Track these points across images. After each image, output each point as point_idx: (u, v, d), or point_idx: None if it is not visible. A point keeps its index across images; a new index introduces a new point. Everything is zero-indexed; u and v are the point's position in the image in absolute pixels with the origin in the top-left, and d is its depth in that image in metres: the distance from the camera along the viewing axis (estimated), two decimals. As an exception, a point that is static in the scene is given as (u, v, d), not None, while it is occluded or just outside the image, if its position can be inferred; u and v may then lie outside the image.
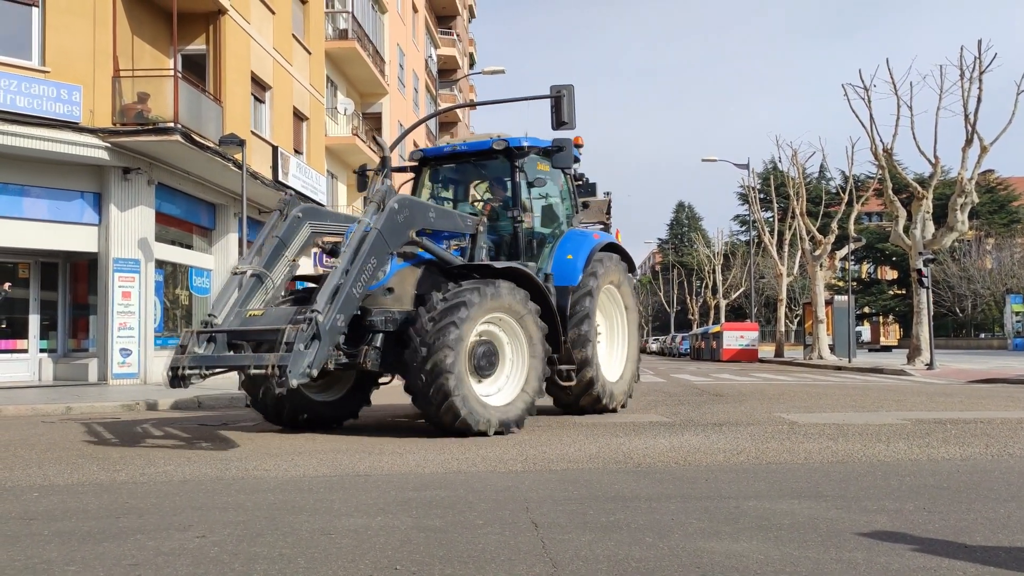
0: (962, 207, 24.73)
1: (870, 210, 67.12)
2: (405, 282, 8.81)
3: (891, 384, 17.78)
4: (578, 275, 10.03)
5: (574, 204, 11.04)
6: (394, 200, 8.31)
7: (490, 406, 8.24)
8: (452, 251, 9.27)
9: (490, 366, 8.46)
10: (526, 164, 9.97)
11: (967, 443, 7.36)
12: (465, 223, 9.43)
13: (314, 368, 7.05)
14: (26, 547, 3.91)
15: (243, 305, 7.93)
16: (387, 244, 8.19)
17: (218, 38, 19.19)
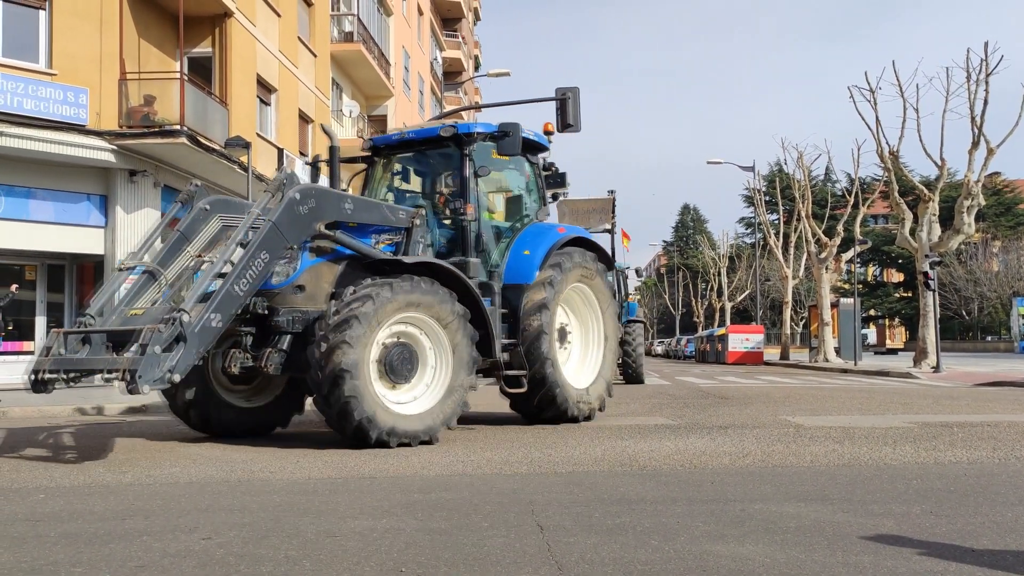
0: (968, 209, 24.66)
1: (876, 212, 66.96)
2: (321, 279, 8.14)
3: (897, 387, 17.73)
4: (534, 272, 9.29)
5: (541, 196, 10.24)
6: (295, 190, 7.63)
7: (399, 414, 7.53)
8: (384, 247, 8.65)
9: (407, 371, 7.75)
10: (476, 152, 9.20)
11: (974, 446, 7.34)
12: (396, 216, 8.69)
13: (176, 373, 6.42)
14: (32, 549, 3.92)
15: (130, 304, 7.36)
16: (284, 238, 7.48)
17: (224, 41, 19.24)
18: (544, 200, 10.22)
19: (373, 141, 9.98)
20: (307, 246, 8.05)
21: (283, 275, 7.91)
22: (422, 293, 7.70)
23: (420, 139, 9.57)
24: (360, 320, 7.20)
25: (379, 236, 8.73)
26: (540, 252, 9.42)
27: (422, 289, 7.72)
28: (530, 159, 10.13)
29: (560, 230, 9.95)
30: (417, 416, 7.66)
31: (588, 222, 21.72)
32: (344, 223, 8.25)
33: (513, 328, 9.14)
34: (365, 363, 7.29)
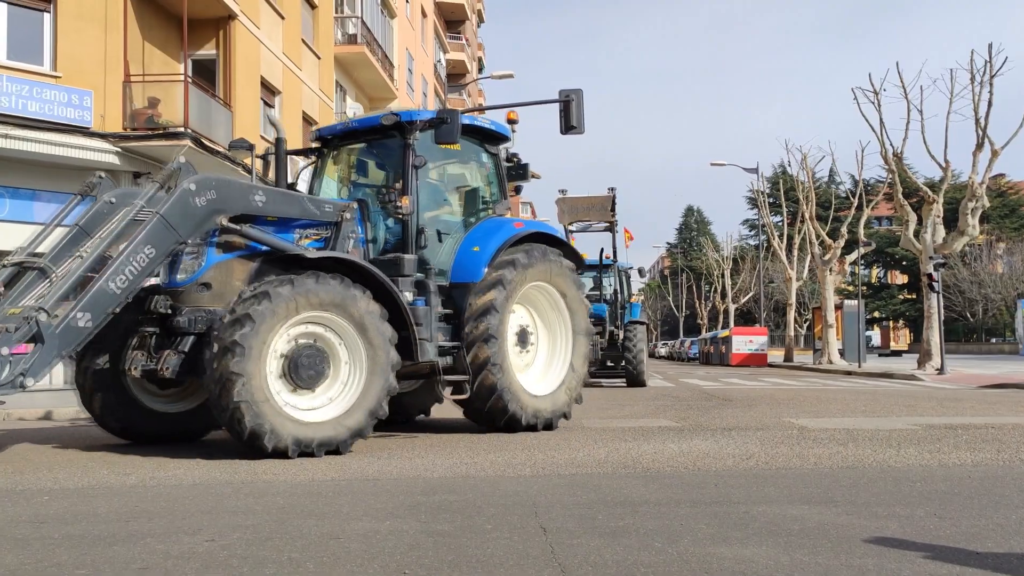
0: (973, 211, 24.62)
1: (880, 214, 66.89)
2: (232, 276, 7.55)
3: (901, 389, 17.70)
4: (481, 269, 8.67)
5: (502, 189, 9.63)
6: (190, 181, 7.16)
7: (302, 421, 7.02)
8: (310, 243, 8.12)
9: (315, 375, 7.19)
10: (420, 141, 8.62)
11: (978, 449, 7.32)
12: (322, 210, 8.18)
13: (30, 376, 6.04)
14: (36, 550, 3.93)
15: (13, 302, 6.85)
16: (174, 231, 7.00)
17: (228, 43, 19.28)
18: (505, 193, 9.66)
19: (319, 132, 9.56)
20: (213, 241, 7.50)
21: (189, 272, 7.42)
22: (330, 291, 7.13)
23: (364, 129, 9.05)
24: (254, 319, 6.65)
25: (305, 231, 8.18)
26: (490, 248, 8.77)
27: (329, 287, 7.14)
28: (489, 149, 9.53)
29: (517, 224, 9.25)
30: (325, 423, 7.09)
31: (588, 220, 21.26)
32: (262, 217, 7.76)
33: (458, 330, 8.60)
34: (260, 366, 6.73)
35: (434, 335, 8.30)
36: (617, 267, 20.68)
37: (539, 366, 9.46)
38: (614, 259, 20.69)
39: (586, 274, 21.98)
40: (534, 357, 9.46)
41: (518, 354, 9.15)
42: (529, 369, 9.33)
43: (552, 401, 9.18)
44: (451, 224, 9.20)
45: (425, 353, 8.11)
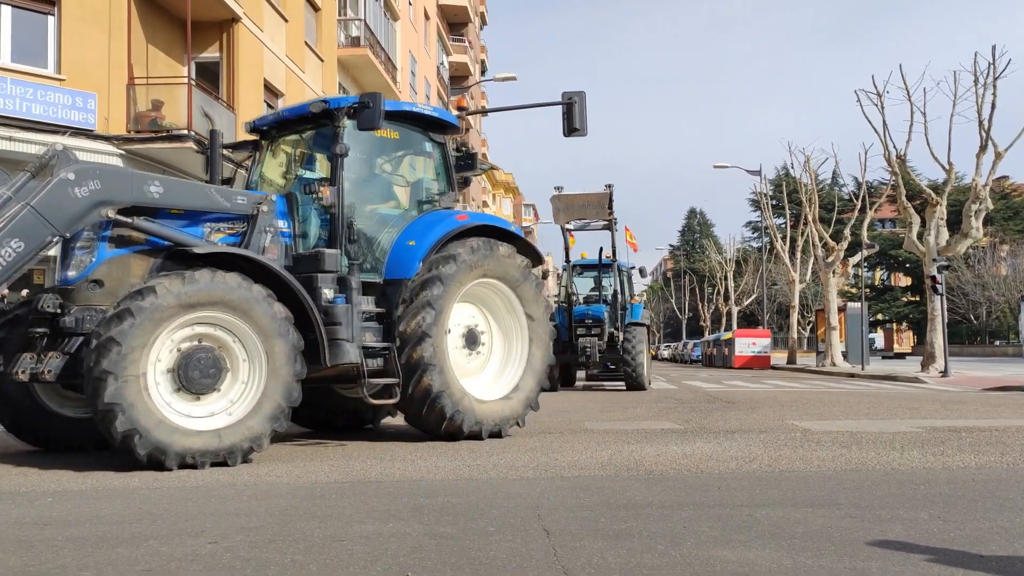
0: (976, 213, 24.59)
1: (883, 216, 66.74)
2: (128, 273, 7.03)
3: (905, 391, 17.67)
4: (414, 265, 8.19)
5: (449, 181, 9.09)
6: (69, 170, 6.67)
7: (187, 429, 6.49)
8: (223, 238, 7.57)
9: (208, 380, 6.66)
10: (349, 130, 8.14)
11: (982, 451, 7.31)
12: (233, 202, 7.61)
13: None
14: (40, 552, 3.93)
15: None
16: (48, 224, 6.52)
17: (231, 46, 19.33)
18: (453, 185, 9.12)
19: (254, 124, 9.12)
20: (106, 235, 6.99)
21: (79, 268, 6.93)
22: (223, 289, 6.60)
23: (295, 118, 8.61)
24: (135, 315, 6.18)
25: (217, 226, 7.59)
26: (427, 243, 8.28)
27: (223, 284, 6.61)
28: (435, 139, 8.98)
29: (461, 217, 8.71)
30: (214, 432, 6.58)
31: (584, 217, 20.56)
32: (165, 210, 7.24)
33: (388, 330, 8.10)
34: (139, 366, 6.26)
35: (357, 335, 7.72)
36: (617, 267, 20.31)
37: (492, 369, 8.93)
38: (613, 258, 20.34)
39: (585, 274, 21.51)
40: (487, 360, 8.93)
41: (466, 356, 8.68)
42: (481, 372, 8.85)
43: (503, 407, 8.64)
44: (390, 217, 8.68)
45: (344, 355, 7.54)
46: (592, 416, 11.64)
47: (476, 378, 8.74)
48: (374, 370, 7.98)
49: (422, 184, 9.15)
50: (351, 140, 8.15)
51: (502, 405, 8.68)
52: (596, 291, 20.34)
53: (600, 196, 19.63)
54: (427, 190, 9.09)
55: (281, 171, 8.99)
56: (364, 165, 8.69)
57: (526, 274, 8.96)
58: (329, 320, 7.53)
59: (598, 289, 20.39)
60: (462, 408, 8.20)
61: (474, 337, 8.78)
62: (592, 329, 18.72)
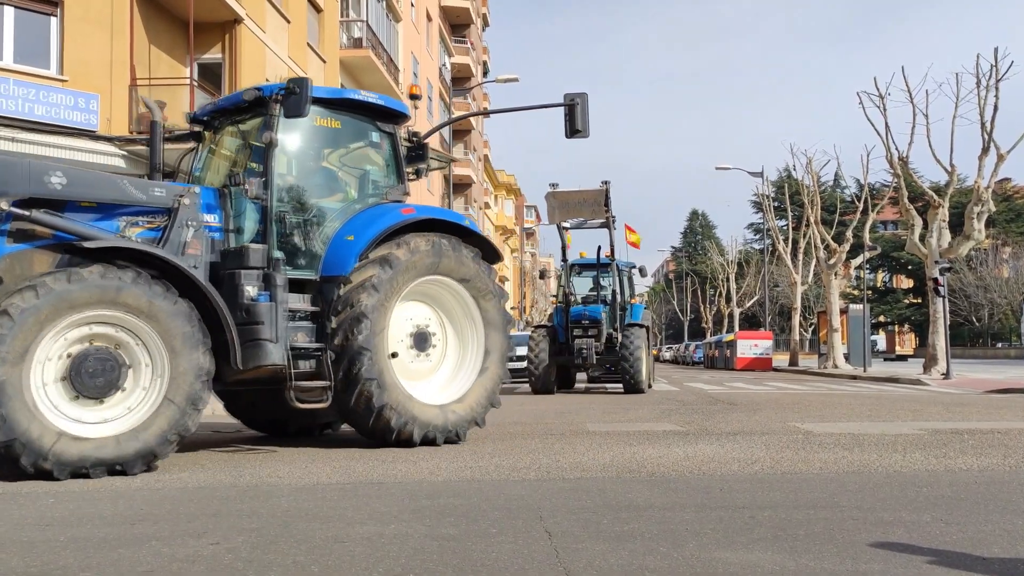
0: (978, 216, 24.56)
1: (885, 218, 66.79)
2: (31, 268, 6.63)
3: (907, 394, 17.65)
4: (350, 261, 7.78)
5: (398, 173, 8.66)
6: None
7: (80, 436, 6.13)
8: (140, 232, 7.12)
9: (104, 383, 6.30)
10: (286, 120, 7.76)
11: (985, 454, 7.30)
12: (149, 194, 7.16)
13: None
14: (42, 553, 3.93)
15: None
16: None
17: (234, 47, 19.36)
18: (403, 177, 8.69)
19: (194, 115, 8.79)
20: (4, 229, 6.62)
21: None
22: (116, 287, 6.22)
23: (233, 107, 8.24)
24: (14, 317, 5.85)
25: (135, 219, 7.15)
26: (366, 238, 7.85)
27: (116, 282, 6.23)
28: (383, 128, 8.55)
29: (406, 211, 8.24)
30: (113, 438, 6.22)
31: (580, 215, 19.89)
32: (75, 203, 6.83)
33: (323, 330, 7.71)
34: (21, 370, 5.91)
35: (282, 335, 7.34)
36: (616, 266, 19.79)
37: (446, 371, 8.52)
38: (612, 257, 19.80)
39: (585, 274, 20.93)
40: (440, 360, 8.52)
41: (415, 358, 8.26)
42: (434, 375, 8.45)
43: (457, 410, 8.25)
44: (331, 211, 8.21)
45: (266, 356, 7.17)
46: (594, 418, 11.63)
47: (428, 381, 8.35)
48: (305, 372, 7.56)
49: (369, 176, 8.73)
50: (289, 130, 7.85)
51: (457, 408, 8.26)
52: (595, 291, 19.88)
53: (596, 193, 19.02)
54: (375, 182, 8.68)
55: (221, 162, 8.56)
56: (304, 156, 8.30)
57: (480, 270, 8.50)
58: (250, 319, 7.16)
59: (597, 289, 19.93)
60: (409, 417, 7.78)
61: (424, 338, 8.35)
62: (589, 330, 18.29)
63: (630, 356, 17.74)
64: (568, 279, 20.09)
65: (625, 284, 20.37)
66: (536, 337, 18.64)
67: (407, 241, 8.00)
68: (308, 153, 8.37)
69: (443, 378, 8.48)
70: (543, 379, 18.22)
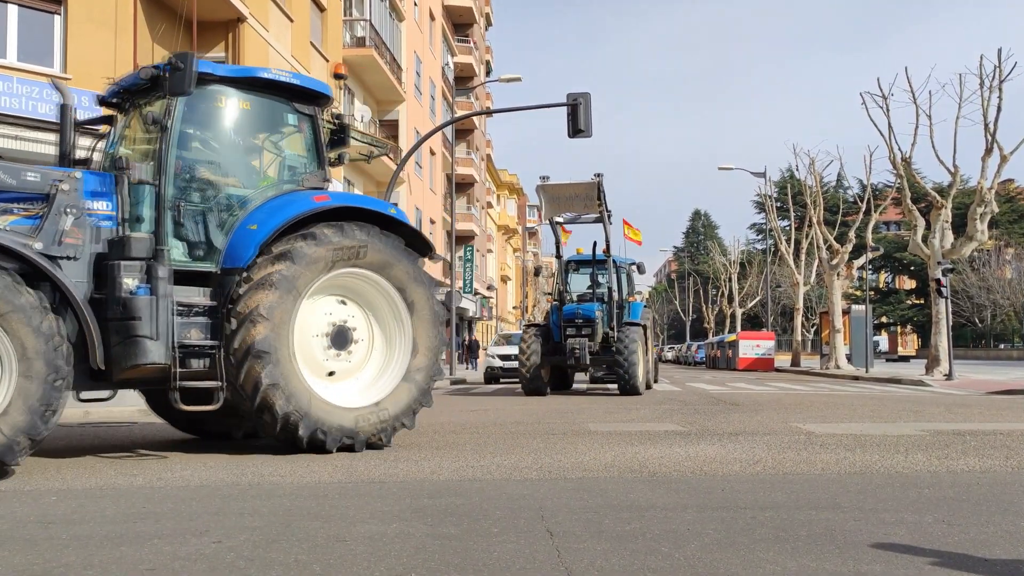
0: (981, 216, 24.54)
1: (888, 219, 66.79)
2: None
3: (909, 395, 17.63)
4: (248, 253, 7.22)
5: (319, 158, 8.13)
6: None
7: None
8: (14, 221, 6.58)
9: None
10: (189, 99, 7.25)
11: (987, 455, 7.29)
12: (20, 179, 6.63)
13: None
14: (44, 551, 3.94)
15: None
16: None
17: (237, 46, 19.36)
18: (323, 162, 8.15)
19: (103, 96, 8.26)
20: None
21: None
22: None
23: (135, 88, 7.73)
24: None
25: (8, 206, 6.63)
26: (269, 227, 7.30)
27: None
28: (301, 110, 8.03)
29: (320, 198, 7.62)
30: None
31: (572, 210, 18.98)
32: None
33: (219, 326, 7.18)
34: None
35: (165, 331, 6.79)
36: (613, 262, 18.94)
37: (371, 370, 7.99)
38: (607, 253, 18.81)
39: (582, 271, 20.11)
40: (364, 359, 7.98)
41: (333, 357, 7.74)
42: (357, 374, 7.92)
43: (380, 412, 7.72)
44: (238, 199, 7.62)
45: (144, 354, 6.63)
46: (595, 418, 11.63)
47: (349, 381, 7.85)
48: (197, 372, 7.05)
49: (286, 161, 8.16)
50: (192, 111, 7.39)
51: (378, 410, 7.71)
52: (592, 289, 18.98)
53: (587, 186, 18.07)
54: (292, 168, 8.12)
55: (129, 146, 7.97)
56: (209, 139, 7.75)
57: (406, 263, 7.94)
58: (127, 314, 6.63)
59: (594, 287, 19.02)
60: (319, 424, 7.26)
61: (344, 335, 7.79)
62: (583, 329, 17.56)
63: (625, 356, 17.07)
64: (563, 276, 19.47)
65: (623, 281, 19.66)
66: (527, 337, 17.88)
67: (314, 232, 7.38)
68: (213, 136, 7.79)
69: (368, 378, 7.95)
70: (534, 380, 17.51)
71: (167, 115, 7.15)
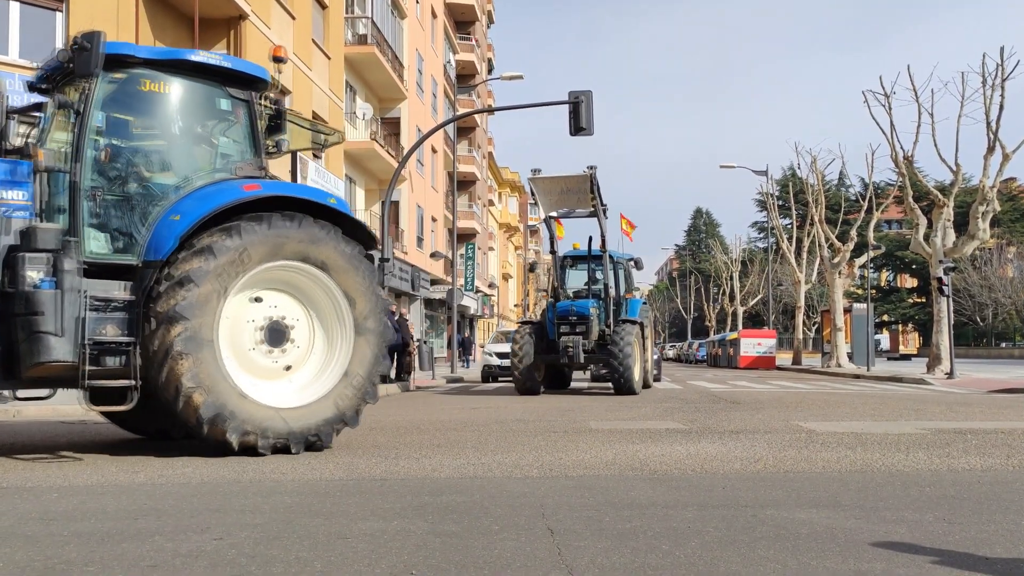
0: (983, 215, 24.53)
1: (890, 217, 66.75)
2: None
3: (910, 393, 17.63)
4: (167, 245, 6.84)
5: (255, 146, 7.73)
6: None
7: None
8: None
9: None
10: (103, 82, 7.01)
11: (988, 453, 7.29)
12: None
13: None
14: (45, 547, 3.95)
15: None
16: None
17: (239, 43, 19.35)
18: (259, 150, 7.73)
19: (31, 81, 7.93)
20: None
21: None
22: None
23: (56, 72, 7.43)
24: None
25: None
26: (191, 218, 6.89)
27: None
28: (235, 95, 7.65)
29: (250, 187, 7.20)
30: None
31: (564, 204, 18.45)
32: None
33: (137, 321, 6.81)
34: None
35: (68, 327, 6.46)
36: (610, 257, 18.26)
37: (311, 367, 7.58)
38: (603, 249, 18.15)
39: (579, 267, 19.47)
40: (304, 356, 7.56)
41: (267, 355, 7.34)
42: (296, 372, 7.52)
43: (319, 411, 7.35)
44: (164, 188, 7.26)
45: (46, 351, 6.34)
46: (596, 416, 11.63)
47: (287, 380, 7.46)
48: (112, 370, 6.70)
49: (218, 149, 7.72)
50: (115, 95, 7.11)
51: (314, 411, 7.34)
52: (590, 285, 18.54)
53: (580, 179, 17.59)
54: (225, 156, 7.69)
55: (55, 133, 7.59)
56: (132, 125, 7.36)
57: (347, 257, 7.51)
58: (30, 309, 6.36)
59: (590, 283, 18.57)
60: (247, 426, 6.90)
61: (280, 332, 7.39)
62: (577, 327, 17.08)
63: (619, 354, 16.41)
64: (558, 272, 18.97)
65: (620, 278, 19.03)
66: (520, 334, 17.45)
67: (239, 225, 6.96)
68: (137, 122, 7.41)
69: (307, 376, 7.56)
70: (526, 378, 17.06)
71: (81, 99, 6.83)
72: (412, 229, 34.72)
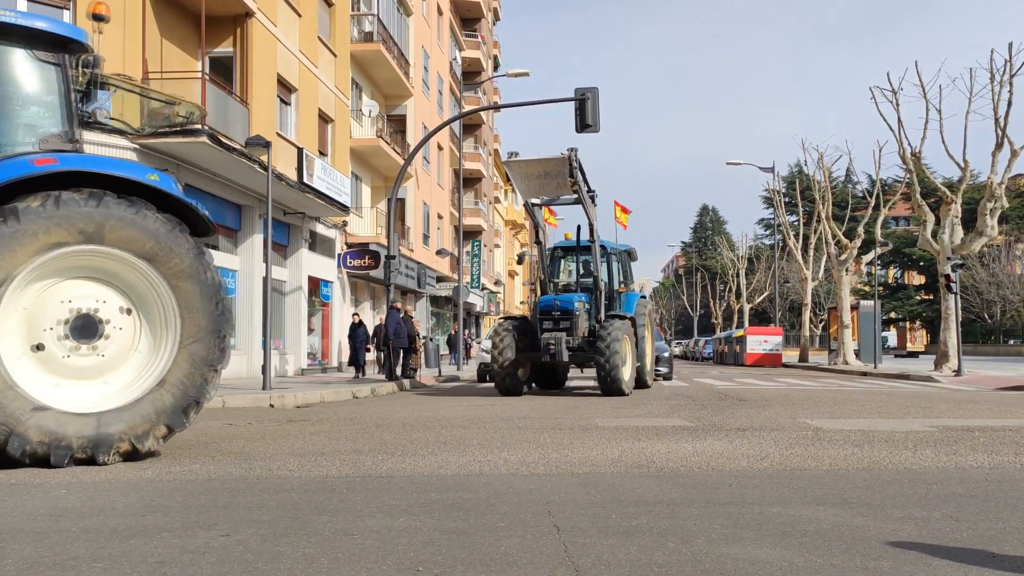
0: (991, 212, 24.45)
1: (897, 214, 66.48)
2: None
3: (918, 390, 17.58)
4: None
5: (67, 115, 6.88)
6: None
7: None
8: None
9: None
10: None
11: (996, 451, 7.27)
12: None
13: None
14: (54, 544, 3.96)
15: None
16: None
17: (245, 41, 19.39)
18: (72, 120, 6.90)
19: None
20: None
21: None
22: None
23: None
24: None
25: None
26: None
27: None
28: (42, 57, 6.75)
29: (43, 161, 6.31)
30: None
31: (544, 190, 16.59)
32: None
33: None
34: None
35: None
36: (603, 248, 17.07)
37: (133, 366, 6.75)
38: (591, 238, 16.70)
39: (569, 258, 17.98)
40: (124, 353, 6.74)
41: (74, 351, 6.49)
42: (114, 371, 6.70)
43: (135, 415, 6.51)
44: None
45: None
46: (603, 413, 11.63)
47: (101, 380, 6.67)
48: None
49: (19, 118, 6.81)
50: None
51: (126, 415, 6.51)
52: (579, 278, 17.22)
53: (558, 162, 15.66)
54: (28, 126, 6.81)
55: None
56: None
57: (170, 243, 6.62)
58: None
59: (580, 276, 17.23)
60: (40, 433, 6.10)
61: (91, 326, 6.55)
62: (560, 322, 15.71)
63: (605, 351, 14.93)
64: (544, 265, 17.55)
65: (615, 270, 17.70)
66: (500, 331, 15.96)
67: (15, 207, 6.11)
68: None
69: (128, 375, 6.73)
70: (507, 377, 15.55)
71: None
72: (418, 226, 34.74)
